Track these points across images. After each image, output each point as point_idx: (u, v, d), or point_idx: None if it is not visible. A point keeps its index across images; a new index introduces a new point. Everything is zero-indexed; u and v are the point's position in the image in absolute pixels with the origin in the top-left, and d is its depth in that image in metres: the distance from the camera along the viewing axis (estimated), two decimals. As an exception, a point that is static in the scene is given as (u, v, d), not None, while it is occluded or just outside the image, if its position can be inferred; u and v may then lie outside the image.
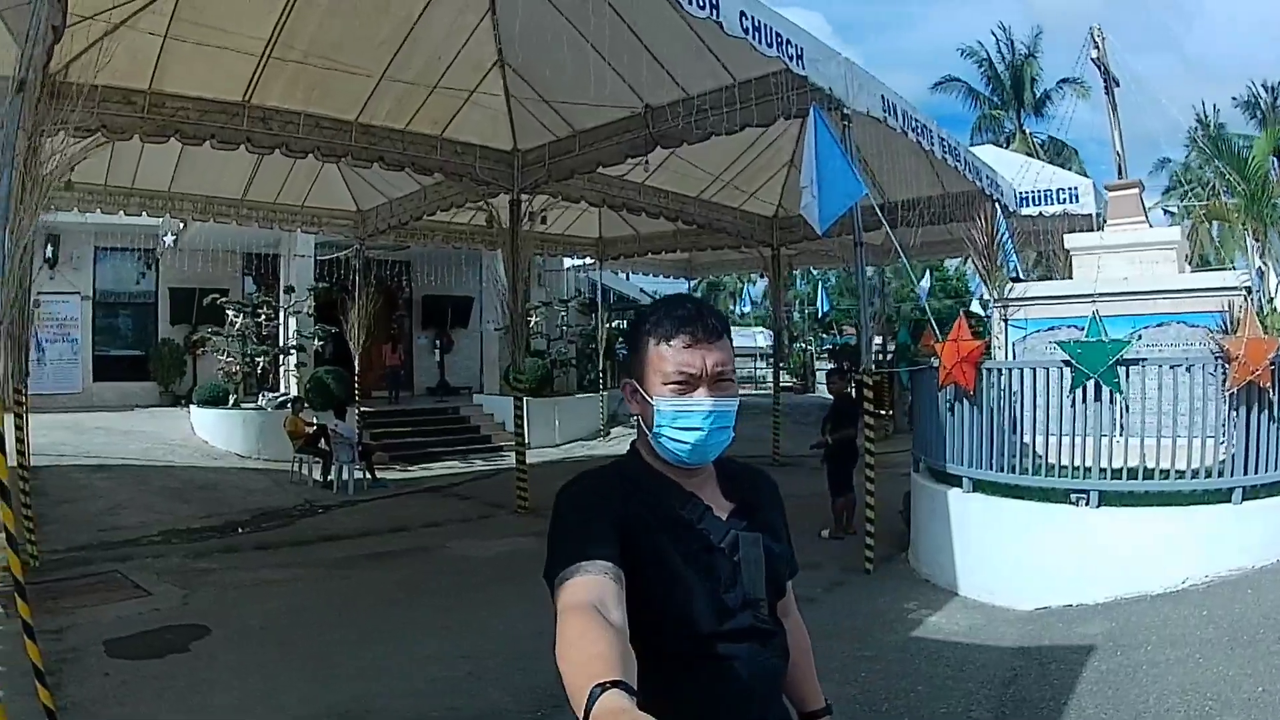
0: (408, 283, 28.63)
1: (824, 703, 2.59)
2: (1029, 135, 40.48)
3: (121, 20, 10.21)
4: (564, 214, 19.56)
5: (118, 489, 15.82)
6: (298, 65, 11.73)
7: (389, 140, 13.35)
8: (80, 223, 20.75)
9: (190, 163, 15.17)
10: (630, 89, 11.81)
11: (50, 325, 25.65)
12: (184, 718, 6.55)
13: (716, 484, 2.35)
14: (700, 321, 2.20)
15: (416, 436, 21.86)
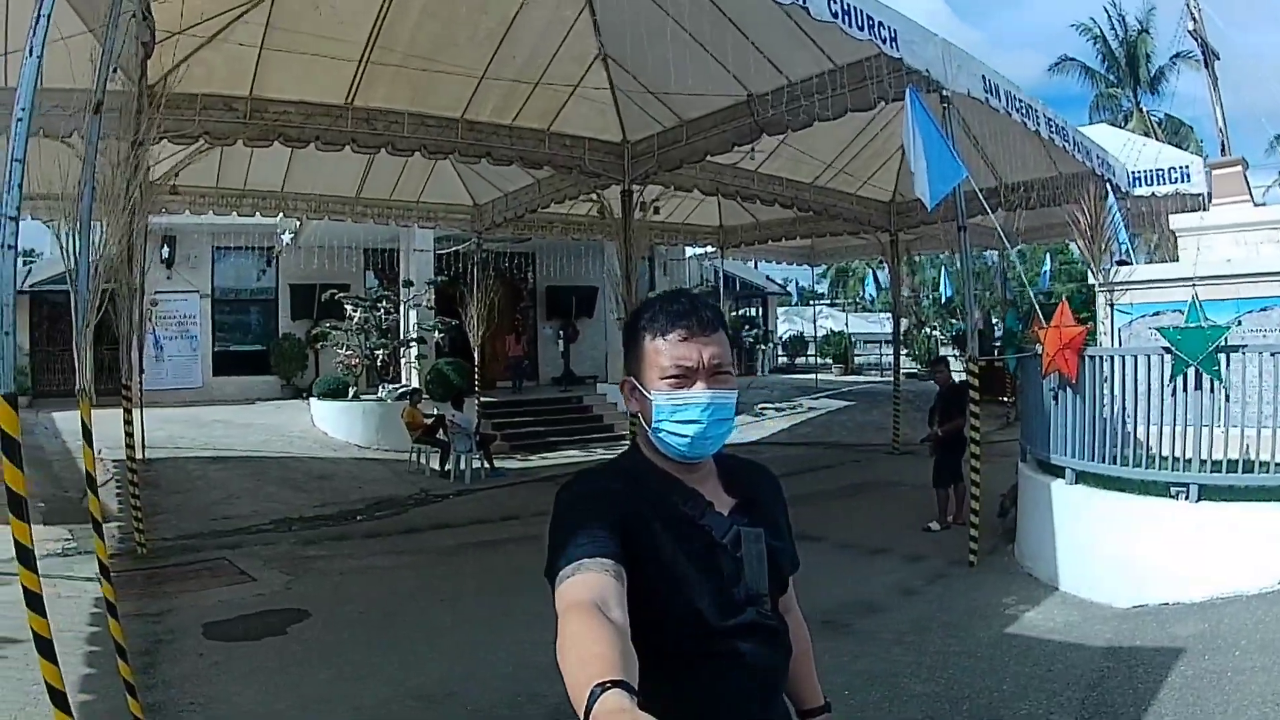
0: (531, 274, 29.25)
1: (823, 700, 2.65)
2: (1145, 113, 39.36)
3: (213, 34, 10.83)
4: (683, 203, 19.87)
5: (233, 480, 16.58)
6: (397, 67, 12.19)
7: (496, 136, 13.73)
8: (196, 224, 22.26)
9: (302, 163, 15.81)
10: (733, 77, 11.90)
11: (170, 323, 27.17)
12: (269, 697, 6.91)
13: (718, 480, 2.40)
14: (695, 315, 2.26)
15: (538, 426, 22.25)
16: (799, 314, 44.54)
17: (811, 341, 41.77)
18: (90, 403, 5.92)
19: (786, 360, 41.71)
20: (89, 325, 5.72)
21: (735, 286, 35.14)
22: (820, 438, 22.13)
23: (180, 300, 27.59)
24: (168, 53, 10.82)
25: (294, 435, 21.56)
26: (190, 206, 17.77)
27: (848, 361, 38.84)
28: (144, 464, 16.61)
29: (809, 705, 2.61)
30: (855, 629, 8.03)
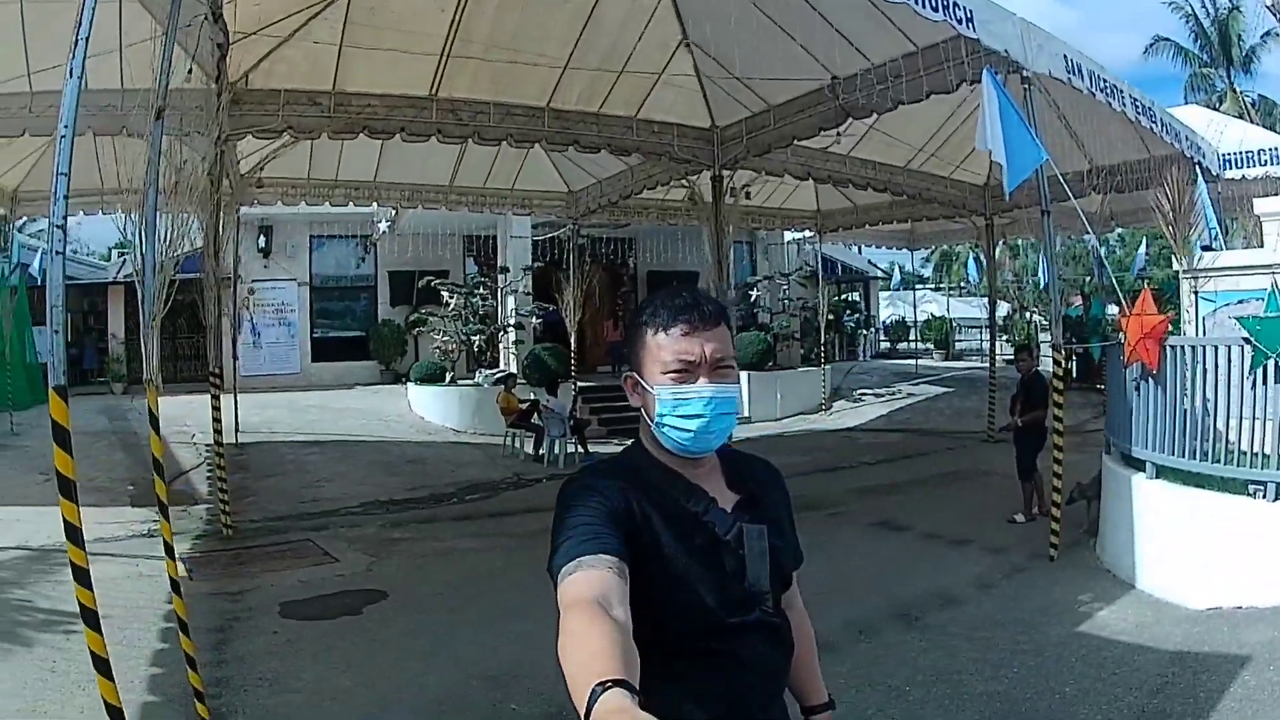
0: (633, 259, 29.72)
1: (827, 697, 2.69)
2: (1239, 94, 38.32)
3: (291, 33, 11.39)
4: (778, 187, 20.07)
5: (325, 463, 17.18)
6: (479, 60, 12.60)
7: (583, 124, 14.03)
8: (293, 213, 22.84)
9: (394, 153, 16.34)
10: (816, 60, 12.02)
11: (267, 310, 28.38)
12: (335, 675, 7.27)
13: (721, 475, 2.42)
14: (697, 309, 2.30)
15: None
16: (902, 298, 44.30)
17: (913, 326, 41.75)
18: (158, 391, 6.35)
19: (889, 345, 41.65)
20: (156, 318, 6.15)
21: (836, 270, 35.12)
22: (917, 424, 22.23)
23: (278, 288, 28.74)
24: (250, 51, 11.51)
25: (390, 419, 22.20)
26: (282, 198, 18.58)
27: (948, 347, 38.70)
28: (237, 448, 17.52)
29: (813, 702, 2.68)
30: (927, 623, 8.11)
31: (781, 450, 18.32)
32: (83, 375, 29.72)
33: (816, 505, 12.90)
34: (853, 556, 10.28)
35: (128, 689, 6.57)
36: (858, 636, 7.62)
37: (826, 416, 24.03)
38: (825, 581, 8.67)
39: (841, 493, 13.91)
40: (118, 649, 6.88)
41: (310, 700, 6.79)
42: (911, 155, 17.02)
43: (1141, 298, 9.38)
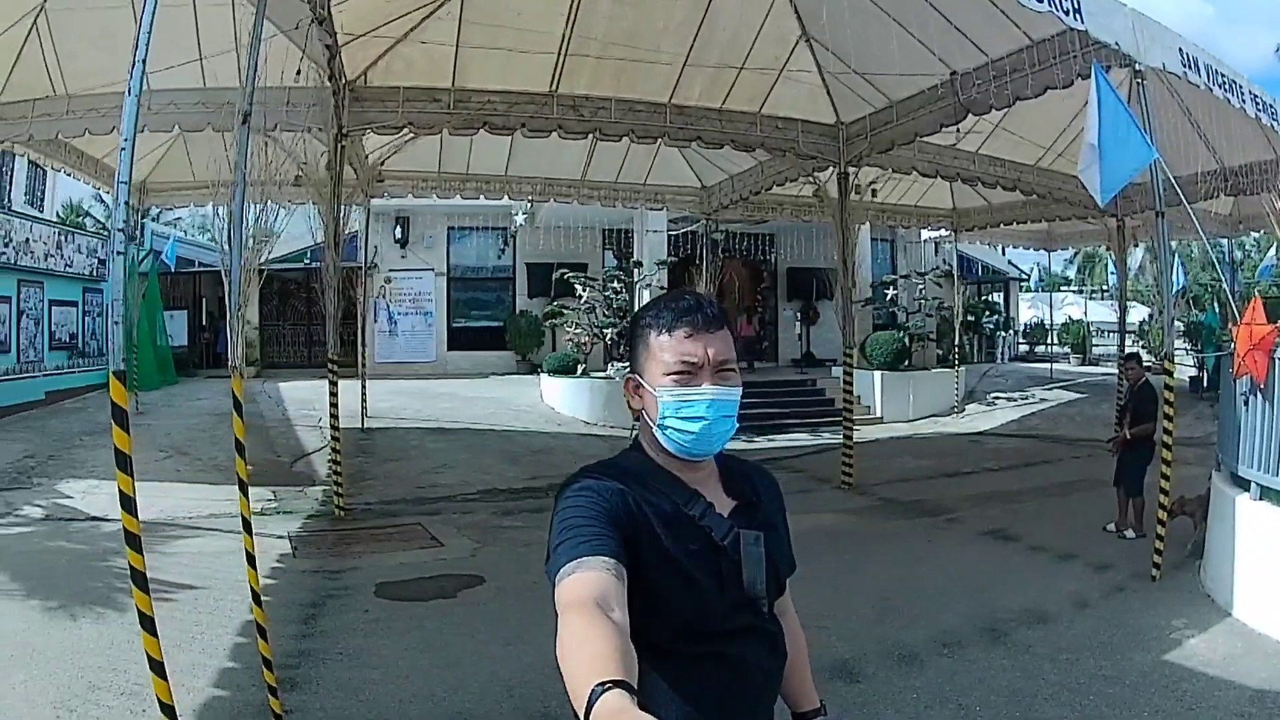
0: (772, 255, 29.96)
1: (818, 703, 2.76)
2: None
3: (405, 33, 12.10)
4: (914, 185, 20.20)
5: (449, 450, 17.80)
6: (597, 58, 13.05)
7: (705, 119, 14.23)
8: (430, 205, 23.92)
9: (525, 147, 16.81)
10: (933, 55, 11.98)
11: (404, 300, 29.58)
12: (415, 655, 7.61)
13: (719, 480, 2.49)
14: (700, 312, 2.36)
15: (768, 408, 22.55)
16: (1044, 300, 43.51)
17: (1051, 330, 40.94)
18: (242, 378, 6.91)
19: (1026, 348, 41.05)
20: (242, 308, 6.69)
21: (976, 271, 34.80)
22: (1047, 430, 21.89)
23: (414, 278, 29.92)
24: (367, 50, 12.28)
25: (521, 409, 22.86)
26: (413, 190, 19.56)
27: (1085, 351, 37.89)
28: (363, 433, 18.60)
29: (804, 708, 2.74)
30: (1014, 640, 7.96)
31: (907, 452, 18.54)
32: (217, 359, 31.38)
33: (932, 511, 13.07)
34: (955, 566, 10.28)
35: (211, 654, 7.42)
36: (940, 650, 7.58)
37: (958, 419, 23.88)
38: (920, 591, 8.98)
39: (958, 499, 13.96)
40: (210, 618, 7.63)
41: (385, 676, 7.20)
42: (1041, 154, 16.89)
43: (1251, 306, 9.04)
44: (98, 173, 17.92)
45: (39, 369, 23.50)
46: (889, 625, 8.08)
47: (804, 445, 19.54)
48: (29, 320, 23.52)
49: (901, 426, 22.46)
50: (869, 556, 10.66)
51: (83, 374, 25.09)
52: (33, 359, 23.43)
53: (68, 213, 34.53)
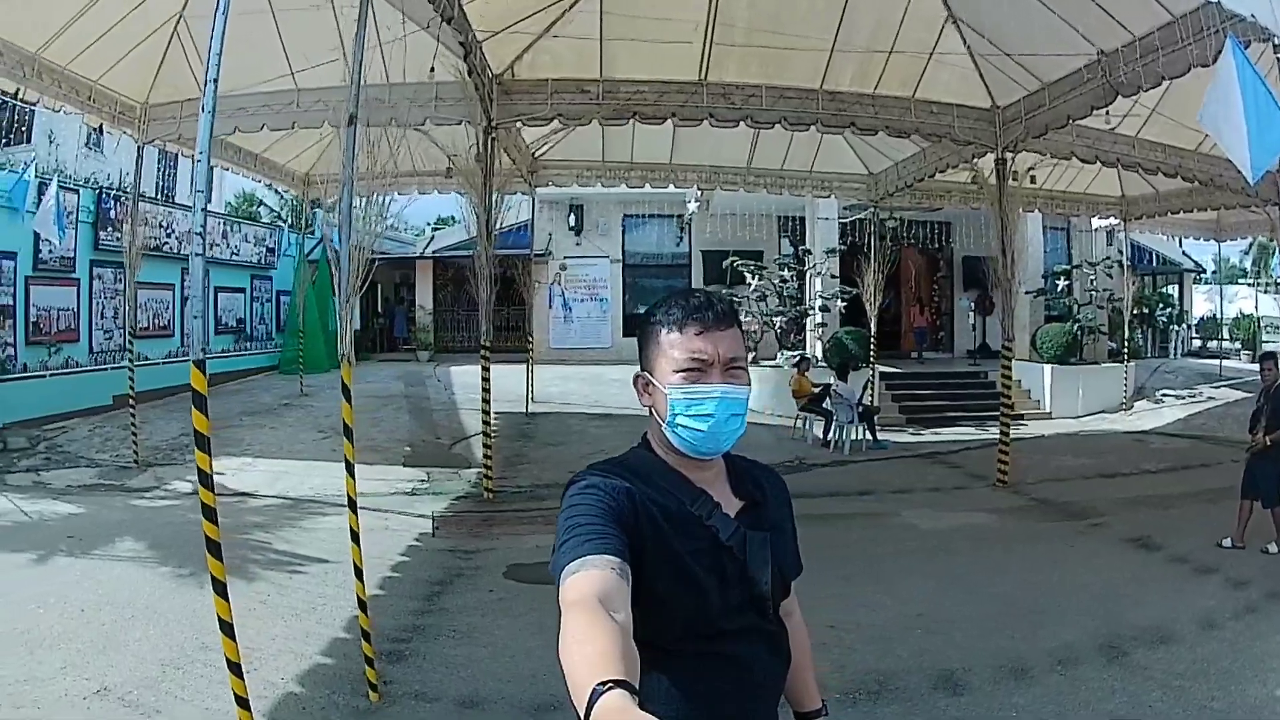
0: (948, 243, 29.46)
1: (820, 703, 2.79)
2: None
3: (547, 27, 12.57)
4: (1081, 171, 19.67)
5: (610, 435, 18.03)
6: (743, 46, 13.17)
7: (859, 105, 14.08)
8: (604, 193, 24.44)
9: (690, 135, 17.10)
10: (1080, 35, 11.67)
11: (578, 287, 30.53)
12: (526, 636, 7.71)
13: (726, 480, 2.51)
14: (710, 309, 2.38)
15: (937, 400, 22.59)
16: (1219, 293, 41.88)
17: (1223, 324, 39.05)
18: (351, 365, 7.42)
19: (1199, 343, 39.07)
20: (350, 299, 7.17)
21: (1150, 261, 33.80)
22: (1211, 431, 20.99)
23: (589, 265, 30.81)
24: (511, 44, 12.82)
25: (690, 398, 23.16)
26: (577, 179, 20.19)
27: (1255, 347, 35.56)
28: (527, 417, 19.36)
29: (806, 707, 2.77)
30: (1131, 660, 7.54)
31: (1069, 450, 18.16)
32: (392, 343, 32.75)
33: (1081, 514, 12.76)
34: (1090, 575, 9.89)
35: (326, 625, 7.94)
36: (1054, 665, 7.31)
37: (1125, 416, 23.15)
38: (1049, 600, 8.81)
39: (1109, 502, 13.55)
40: (336, 590, 8.14)
41: (491, 655, 7.47)
42: (1201, 138, 15.99)
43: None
44: (258, 166, 19.09)
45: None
46: (1008, 635, 7.94)
47: (968, 440, 19.35)
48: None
49: (1069, 423, 21.97)
50: (1006, 560, 10.49)
51: (249, 357, 27.01)
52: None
53: (240, 201, 36.10)
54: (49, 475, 14.52)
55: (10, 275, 18.61)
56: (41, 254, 19.05)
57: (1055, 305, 26.58)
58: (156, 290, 23.19)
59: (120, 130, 14.96)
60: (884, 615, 8.37)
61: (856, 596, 8.86)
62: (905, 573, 9.76)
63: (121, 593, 8.75)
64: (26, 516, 11.89)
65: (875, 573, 9.78)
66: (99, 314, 21.38)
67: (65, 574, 9.44)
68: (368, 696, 6.55)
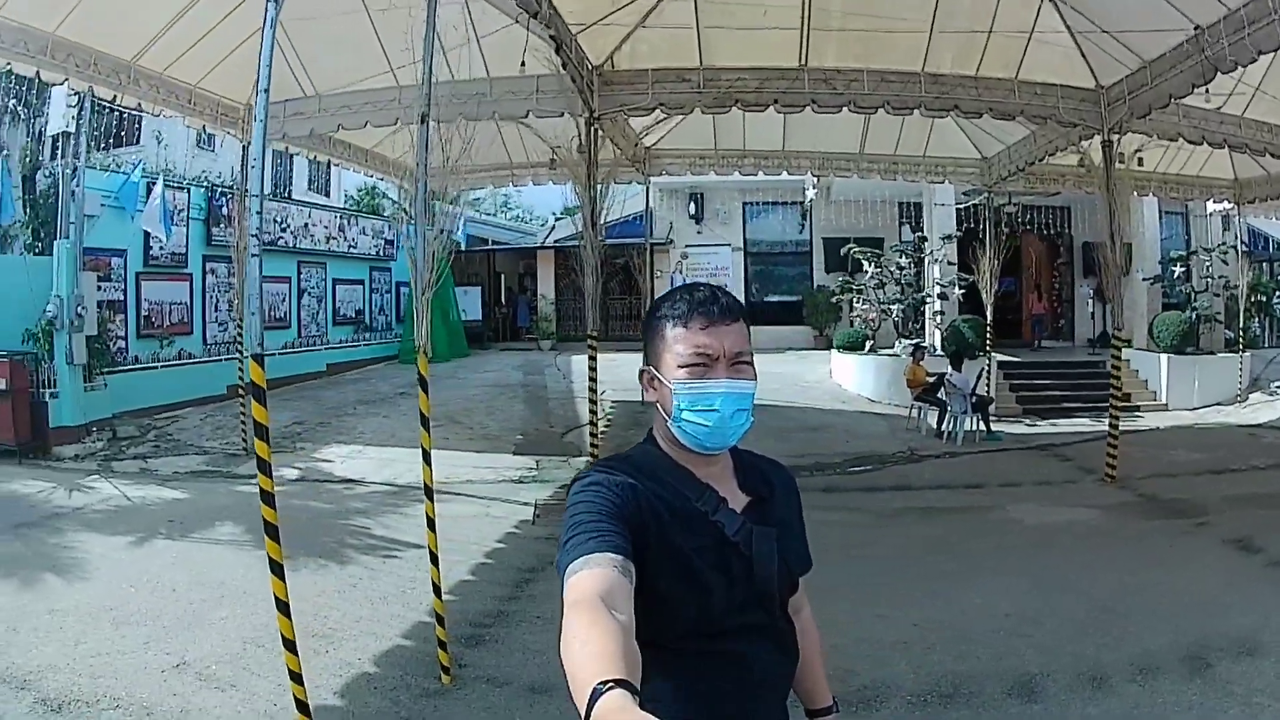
0: (1068, 230, 29.07)
1: (831, 700, 2.79)
2: None
3: (643, 16, 12.72)
4: (1194, 153, 19.13)
5: None
6: (840, 27, 13.08)
7: (961, 88, 13.84)
8: (723, 181, 24.30)
9: (801, 121, 16.97)
10: (1175, 9, 11.24)
11: (700, 274, 30.44)
12: None
13: (733, 476, 2.51)
14: (716, 304, 2.39)
15: (1055, 390, 22.14)
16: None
17: None
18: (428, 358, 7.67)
19: None
20: (424, 293, 7.40)
21: (1267, 247, 32.77)
22: None
23: (710, 253, 31.05)
24: (607, 36, 13.00)
25: (808, 385, 23.29)
26: (690, 168, 20.28)
27: None
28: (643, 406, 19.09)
29: (817, 705, 2.79)
30: (1214, 673, 7.17)
31: (1181, 444, 17.70)
32: (515, 332, 33.32)
33: (1185, 512, 12.36)
34: (1185, 578, 9.49)
35: (412, 609, 8.20)
36: (1134, 674, 7.05)
37: (1240, 409, 22.23)
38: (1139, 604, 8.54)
39: (1216, 500, 13.06)
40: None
41: None
42: None
43: None
44: (369, 161, 19.47)
45: (320, 342, 26.23)
46: (1092, 640, 7.70)
47: (1083, 432, 18.85)
48: (310, 298, 26.51)
49: (1185, 414, 21.40)
50: (1103, 560, 10.18)
51: (367, 347, 27.83)
52: (314, 333, 26.33)
53: (362, 195, 36.94)
54: (156, 462, 15.19)
55: (120, 271, 19.61)
56: (152, 250, 20.06)
57: (1173, 293, 25.90)
58: (271, 283, 24.18)
59: (223, 131, 15.57)
60: (971, 614, 8.30)
61: (947, 594, 8.85)
62: (1000, 570, 9.66)
63: (214, 574, 9.19)
64: (129, 501, 12.51)
65: (970, 569, 9.72)
66: (213, 307, 22.40)
67: (161, 556, 9.96)
68: (439, 679, 6.77)
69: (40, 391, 16.30)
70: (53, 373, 16.45)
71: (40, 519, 11.68)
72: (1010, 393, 21.53)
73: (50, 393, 16.33)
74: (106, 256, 19.26)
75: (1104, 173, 14.57)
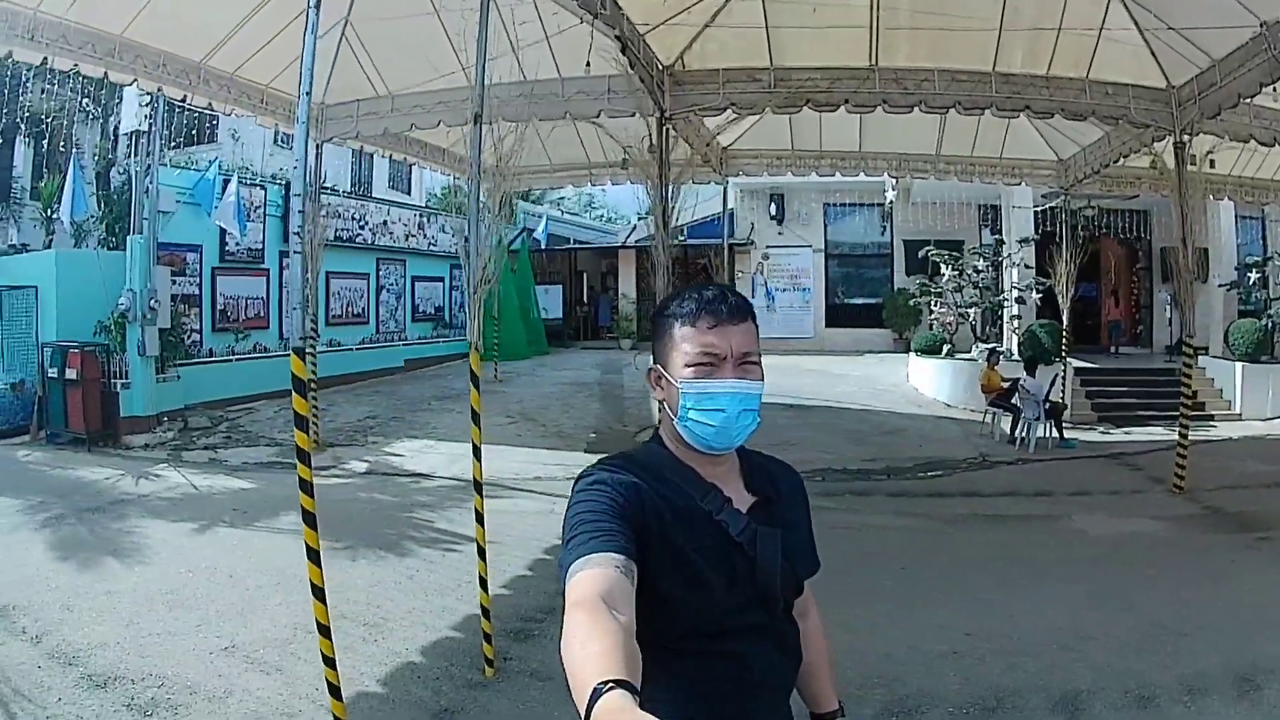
0: (1146, 234, 28.33)
1: (837, 704, 2.76)
2: None
3: (711, 17, 12.72)
4: (1268, 155, 18.56)
5: (797, 427, 18.03)
6: (909, 26, 12.95)
7: (1033, 87, 13.67)
8: (804, 182, 24.11)
9: (876, 122, 16.95)
10: (1242, 4, 11.02)
11: (781, 276, 30.80)
12: None
13: (739, 476, 2.51)
14: (724, 303, 2.38)
15: (1129, 397, 21.63)
16: None
17: None
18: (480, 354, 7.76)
19: None
20: (477, 291, 7.53)
21: None
22: None
23: (791, 254, 31.09)
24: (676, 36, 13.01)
25: (884, 389, 23.13)
26: (767, 169, 20.35)
27: None
28: None
29: (823, 709, 2.76)
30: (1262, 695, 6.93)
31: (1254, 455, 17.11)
32: (596, 331, 33.55)
33: (1250, 525, 11.96)
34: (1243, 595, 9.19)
35: (465, 601, 8.21)
36: (1182, 694, 6.83)
37: None
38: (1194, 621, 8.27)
39: None
40: None
41: None
42: None
43: None
44: (445, 160, 19.82)
45: (399, 339, 26.70)
46: (1144, 657, 7.49)
47: (1156, 440, 18.29)
48: (389, 294, 26.89)
49: (1258, 425, 20.58)
50: (1162, 574, 9.87)
51: (445, 344, 28.15)
52: (393, 329, 26.76)
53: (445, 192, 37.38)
54: (226, 453, 15.51)
55: (195, 267, 20.11)
56: (228, 246, 20.55)
57: (1249, 299, 25.33)
58: (350, 279, 24.76)
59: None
60: (1025, 626, 8.13)
61: (1004, 604, 8.70)
62: (1059, 581, 9.46)
63: (272, 561, 9.37)
64: (195, 490, 12.80)
65: (1031, 579, 9.55)
66: (289, 303, 22.54)
67: (223, 543, 10.21)
68: (483, 671, 6.86)
69: (111, 382, 16.75)
70: (125, 364, 16.94)
71: (105, 505, 12.00)
72: (1086, 400, 21.12)
73: (122, 383, 16.82)
74: (182, 252, 19.71)
75: (1176, 175, 14.22)
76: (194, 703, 6.40)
